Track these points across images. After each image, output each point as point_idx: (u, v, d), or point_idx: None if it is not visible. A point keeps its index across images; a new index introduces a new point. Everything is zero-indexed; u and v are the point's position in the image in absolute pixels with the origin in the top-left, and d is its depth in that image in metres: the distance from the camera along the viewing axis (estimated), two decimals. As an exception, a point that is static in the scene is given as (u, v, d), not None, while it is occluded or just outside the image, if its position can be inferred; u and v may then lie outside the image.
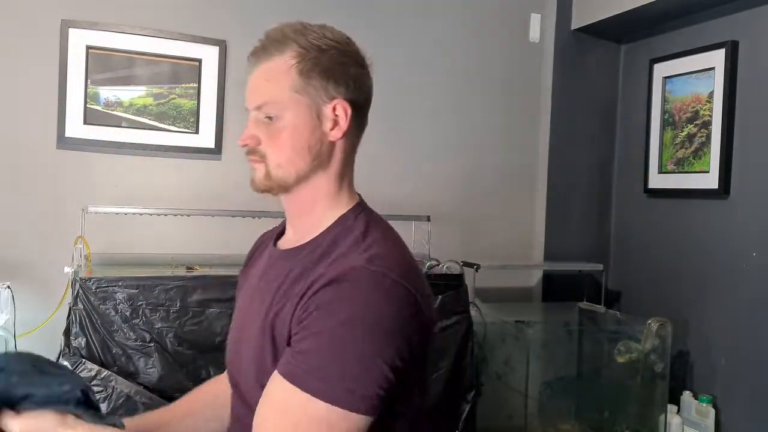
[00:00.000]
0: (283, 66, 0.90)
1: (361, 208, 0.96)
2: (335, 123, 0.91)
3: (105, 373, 1.55)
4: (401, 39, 2.34)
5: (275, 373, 0.82)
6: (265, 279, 0.96)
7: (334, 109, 0.91)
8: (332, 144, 0.92)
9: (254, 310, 0.93)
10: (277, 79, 0.90)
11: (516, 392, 2.11)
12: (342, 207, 0.95)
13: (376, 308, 0.79)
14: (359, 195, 0.99)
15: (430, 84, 2.39)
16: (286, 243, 0.99)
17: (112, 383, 1.54)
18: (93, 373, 1.55)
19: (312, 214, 0.95)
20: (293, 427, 0.78)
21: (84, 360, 1.56)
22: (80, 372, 1.53)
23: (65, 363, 1.54)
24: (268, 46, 0.92)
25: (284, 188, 0.93)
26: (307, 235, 0.94)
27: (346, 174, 0.96)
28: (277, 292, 0.90)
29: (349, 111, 0.91)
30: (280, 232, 1.04)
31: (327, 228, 0.93)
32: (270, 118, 0.91)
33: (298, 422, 0.78)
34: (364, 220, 0.93)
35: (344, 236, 0.90)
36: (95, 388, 1.51)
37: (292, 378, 0.79)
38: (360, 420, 0.77)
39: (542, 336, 2.20)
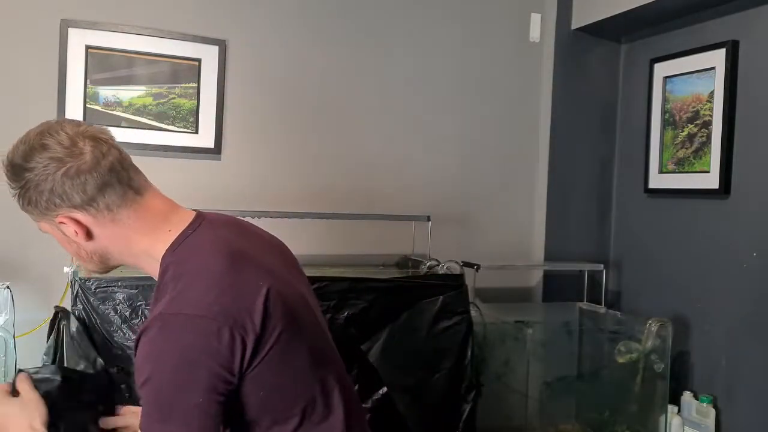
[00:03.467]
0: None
1: (176, 245, 1.00)
2: (76, 232, 0.99)
3: None
4: (401, 39, 2.34)
5: None
6: None
7: (62, 223, 0.99)
8: (92, 243, 1.01)
9: None
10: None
11: (516, 392, 2.11)
12: (156, 256, 1.00)
13: (173, 348, 0.88)
14: (191, 218, 1.04)
15: (431, 84, 2.39)
16: None
17: None
18: None
19: (147, 266, 1.04)
20: None
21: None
22: None
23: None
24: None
25: (105, 272, 1.10)
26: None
27: (134, 239, 1.01)
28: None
29: (72, 219, 0.98)
30: None
31: (160, 271, 1.00)
32: None
33: None
34: (177, 259, 0.98)
35: (164, 281, 0.97)
36: None
37: (141, 426, 0.90)
38: None
39: (542, 336, 2.19)
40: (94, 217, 0.98)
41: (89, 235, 0.99)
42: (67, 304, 1.81)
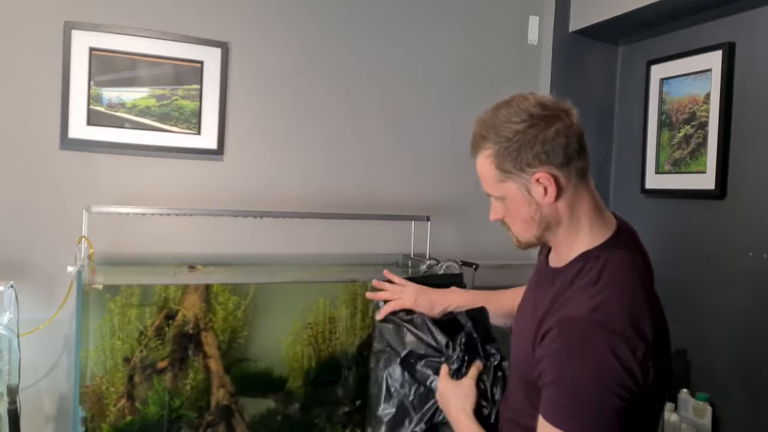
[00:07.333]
0: (485, 165, 1.08)
1: (604, 247, 1.06)
2: (545, 190, 1.04)
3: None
4: (401, 41, 2.36)
5: (540, 413, 1.01)
6: (538, 290, 1.14)
7: (537, 181, 1.03)
8: (552, 206, 1.06)
9: (528, 313, 1.13)
10: (486, 176, 1.10)
11: (515, 391, 2.12)
12: (587, 242, 1.08)
13: (594, 356, 0.94)
14: (617, 224, 1.11)
15: (430, 86, 2.41)
16: (552, 262, 1.16)
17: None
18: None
19: (562, 246, 1.11)
20: None
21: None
22: None
23: None
24: (473, 146, 1.10)
25: (534, 245, 1.13)
26: (563, 260, 1.10)
27: (580, 216, 1.08)
28: (546, 311, 1.06)
29: (551, 176, 1.03)
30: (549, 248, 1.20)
31: (573, 259, 1.07)
32: (500, 199, 1.10)
33: None
34: (602, 262, 1.04)
35: (581, 275, 1.04)
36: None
37: (547, 417, 0.98)
38: None
39: (541, 335, 2.20)
40: (566, 178, 1.05)
41: (557, 196, 1.04)
42: (70, 304, 1.84)
